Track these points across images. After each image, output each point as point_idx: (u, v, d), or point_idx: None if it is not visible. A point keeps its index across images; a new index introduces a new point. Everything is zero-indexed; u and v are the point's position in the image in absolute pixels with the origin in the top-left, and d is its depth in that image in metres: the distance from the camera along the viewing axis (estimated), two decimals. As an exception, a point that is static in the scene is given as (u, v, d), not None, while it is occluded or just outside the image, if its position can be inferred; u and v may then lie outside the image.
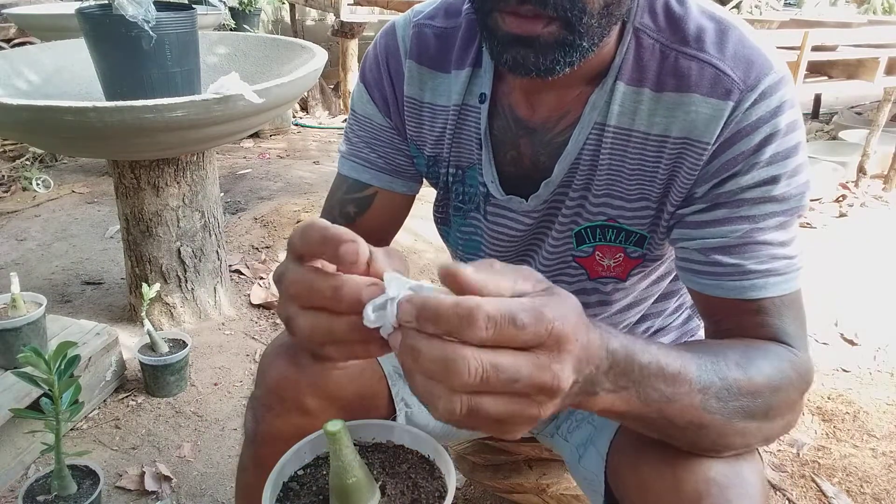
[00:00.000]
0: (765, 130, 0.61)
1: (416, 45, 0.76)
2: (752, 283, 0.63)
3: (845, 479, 1.40)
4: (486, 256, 0.83)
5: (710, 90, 0.62)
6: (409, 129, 0.80)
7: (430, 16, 0.77)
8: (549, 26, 0.56)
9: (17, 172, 2.96)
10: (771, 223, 0.63)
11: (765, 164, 0.62)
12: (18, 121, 1.36)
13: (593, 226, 0.74)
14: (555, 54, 0.57)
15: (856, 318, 2.02)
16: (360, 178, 0.81)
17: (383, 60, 0.79)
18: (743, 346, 0.61)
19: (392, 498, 0.50)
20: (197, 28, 1.63)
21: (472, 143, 0.76)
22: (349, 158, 0.83)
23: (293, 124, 3.94)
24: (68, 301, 2.03)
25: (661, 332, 0.89)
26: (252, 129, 1.86)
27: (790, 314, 0.64)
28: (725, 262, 0.64)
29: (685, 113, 0.64)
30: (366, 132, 0.81)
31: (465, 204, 0.81)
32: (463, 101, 0.74)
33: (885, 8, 4.67)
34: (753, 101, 0.61)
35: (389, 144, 0.81)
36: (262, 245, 2.37)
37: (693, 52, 0.63)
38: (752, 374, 0.57)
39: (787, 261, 0.64)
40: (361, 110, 0.81)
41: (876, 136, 2.92)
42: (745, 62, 0.62)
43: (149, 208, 1.72)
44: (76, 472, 1.21)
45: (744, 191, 0.63)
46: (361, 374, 0.83)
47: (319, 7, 3.68)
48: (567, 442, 0.88)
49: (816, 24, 3.02)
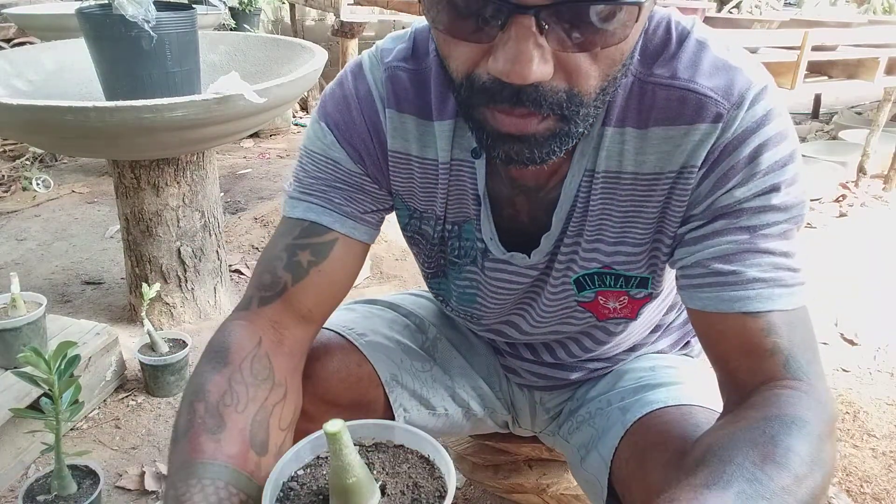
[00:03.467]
0: (755, 141, 0.59)
1: (392, 91, 0.69)
2: (757, 293, 0.59)
3: (845, 479, 1.40)
4: (483, 307, 0.81)
5: (697, 116, 0.60)
6: (396, 184, 0.73)
7: (401, 57, 0.69)
8: (544, 122, 0.53)
9: (17, 172, 2.96)
10: (772, 231, 0.60)
11: (763, 174, 0.59)
12: (18, 121, 1.36)
13: (590, 273, 0.72)
14: (550, 146, 0.55)
15: (856, 318, 2.02)
16: (318, 220, 0.70)
17: (355, 102, 0.70)
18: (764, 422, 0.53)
19: (392, 498, 0.50)
20: (197, 28, 1.63)
21: (469, 199, 0.72)
22: (303, 200, 0.71)
23: (293, 124, 3.94)
24: (68, 301, 2.03)
25: (660, 331, 0.89)
26: (252, 129, 1.86)
27: (799, 336, 0.59)
28: (724, 270, 0.60)
29: (677, 145, 0.61)
30: (327, 174, 0.71)
31: (460, 259, 0.77)
32: (452, 157, 0.70)
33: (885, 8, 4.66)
34: (738, 115, 0.59)
35: (359, 190, 0.72)
36: (262, 245, 2.38)
37: (668, 82, 0.60)
38: (793, 465, 0.49)
39: (792, 273, 0.60)
40: (322, 152, 0.71)
41: (876, 136, 2.92)
42: (724, 80, 0.59)
43: (149, 208, 1.72)
44: (76, 472, 1.21)
45: (742, 202, 0.60)
46: (358, 382, 0.83)
47: (319, 7, 3.68)
48: (568, 443, 0.88)
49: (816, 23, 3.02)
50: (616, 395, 0.83)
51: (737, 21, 3.33)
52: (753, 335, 0.59)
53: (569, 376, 0.89)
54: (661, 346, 0.91)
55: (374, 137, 0.71)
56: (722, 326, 0.61)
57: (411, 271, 2.25)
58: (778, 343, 0.58)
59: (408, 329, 0.92)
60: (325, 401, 0.78)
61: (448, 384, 0.91)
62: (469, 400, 0.92)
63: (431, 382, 0.89)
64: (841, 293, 2.15)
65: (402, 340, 0.89)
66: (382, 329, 0.89)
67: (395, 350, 0.88)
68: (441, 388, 0.90)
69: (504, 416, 0.97)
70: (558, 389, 0.93)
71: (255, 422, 0.61)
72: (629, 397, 0.80)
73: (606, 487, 0.75)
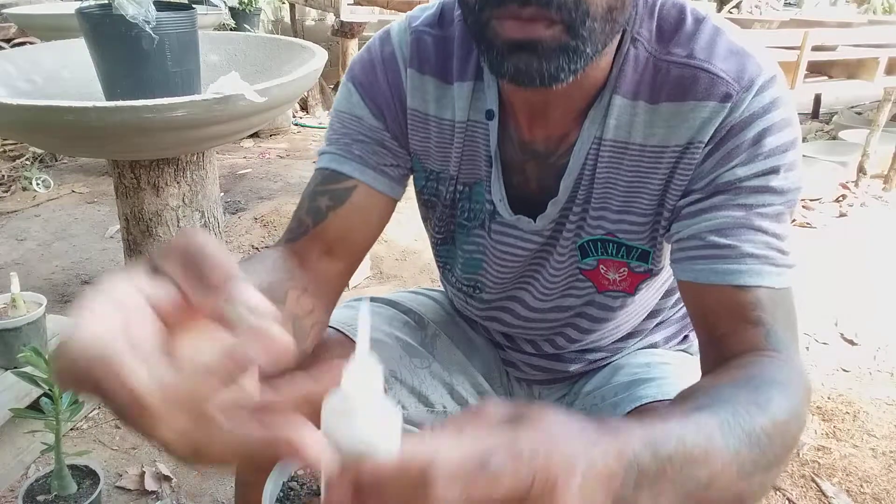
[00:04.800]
0: (760, 125, 0.62)
1: (416, 53, 0.73)
2: (749, 268, 0.61)
3: (845, 479, 1.40)
4: (489, 275, 0.82)
5: (707, 94, 0.62)
6: (414, 143, 0.77)
7: (427, 23, 0.74)
8: (552, 29, 0.54)
9: (17, 172, 2.96)
10: (768, 212, 0.63)
11: (765, 156, 0.62)
12: (18, 121, 1.36)
13: (594, 239, 0.73)
14: (558, 60, 0.55)
15: (856, 318, 2.02)
16: (339, 168, 0.74)
17: (380, 65, 0.74)
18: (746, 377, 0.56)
19: (392, 498, 0.50)
20: (197, 28, 1.63)
21: (481, 160, 0.74)
22: (328, 152, 0.76)
23: (293, 124, 3.94)
24: (68, 301, 2.03)
25: (663, 325, 0.90)
26: (252, 129, 1.86)
27: (783, 315, 0.62)
28: (721, 244, 0.62)
29: (684, 120, 0.64)
30: (353, 130, 0.75)
31: (469, 221, 0.80)
32: (468, 118, 0.73)
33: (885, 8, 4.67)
34: (749, 99, 0.62)
35: (379, 144, 0.75)
36: (262, 245, 2.38)
37: (684, 61, 0.63)
38: (773, 411, 0.51)
39: (783, 255, 0.63)
40: (348, 110, 0.75)
41: (876, 136, 2.92)
42: (737, 64, 0.63)
43: (149, 208, 1.72)
44: (76, 472, 1.21)
45: (742, 181, 0.63)
46: None
47: (319, 7, 3.68)
48: None
49: (816, 23, 3.02)
50: (610, 390, 0.84)
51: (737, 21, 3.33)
52: (742, 307, 0.61)
53: (568, 368, 0.89)
54: (658, 338, 0.91)
55: (396, 96, 0.75)
56: (712, 298, 0.63)
57: (411, 271, 2.25)
58: (762, 317, 0.61)
59: (407, 326, 0.92)
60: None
61: (447, 381, 0.91)
62: (468, 397, 0.92)
63: (430, 379, 0.89)
64: (841, 293, 2.16)
65: (401, 337, 0.89)
66: (381, 326, 0.89)
67: (393, 347, 0.88)
68: (439, 385, 0.90)
69: None
70: (558, 383, 0.93)
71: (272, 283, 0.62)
72: (622, 392, 0.81)
73: None
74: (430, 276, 2.23)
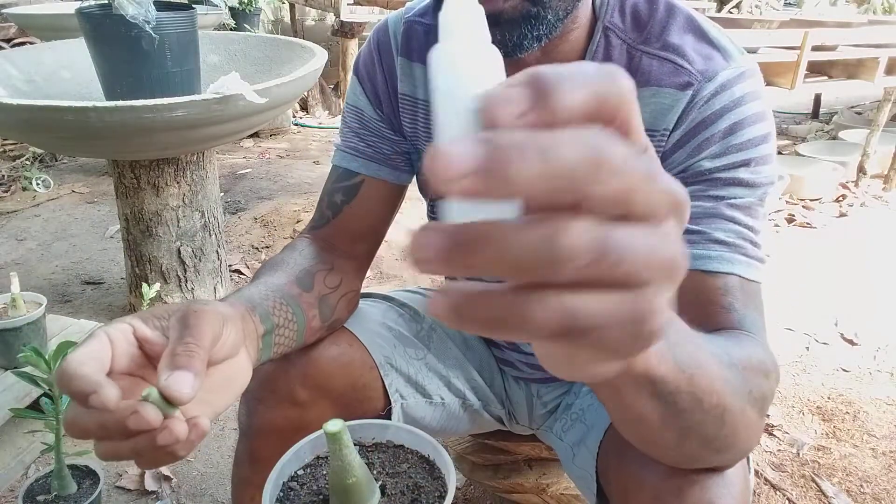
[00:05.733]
0: (731, 118, 0.63)
1: (406, 41, 0.78)
2: (719, 255, 0.61)
3: (845, 479, 1.40)
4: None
5: (668, 81, 0.64)
6: (406, 126, 0.82)
7: (420, 13, 0.79)
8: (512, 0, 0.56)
9: (17, 172, 2.96)
10: (739, 203, 0.63)
11: (737, 149, 0.63)
12: (18, 121, 1.36)
13: None
14: (521, 28, 0.58)
15: (856, 318, 2.02)
16: (348, 166, 0.83)
17: (376, 54, 0.81)
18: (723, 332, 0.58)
19: (392, 498, 0.50)
20: (197, 28, 1.63)
21: None
22: (340, 149, 0.85)
23: (293, 124, 3.93)
24: (68, 301, 2.03)
25: None
26: (252, 129, 1.86)
27: (753, 306, 0.61)
28: (691, 230, 0.62)
29: (644, 105, 0.64)
30: (356, 123, 0.83)
31: None
32: None
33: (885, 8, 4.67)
34: (713, 91, 0.63)
35: (377, 134, 0.82)
36: (262, 245, 2.38)
37: (655, 52, 0.65)
38: (748, 352, 0.53)
39: (754, 247, 0.63)
40: (353, 101, 0.84)
41: (876, 136, 2.92)
42: (705, 56, 0.64)
43: (149, 208, 1.73)
44: (76, 472, 1.21)
45: (713, 171, 0.63)
46: (351, 363, 0.82)
47: (319, 7, 3.68)
48: (562, 441, 0.88)
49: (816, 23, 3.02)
50: None
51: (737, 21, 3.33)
52: (710, 292, 0.61)
53: None
54: None
55: (389, 82, 0.81)
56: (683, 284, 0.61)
57: (411, 271, 2.25)
58: (733, 303, 0.60)
59: (402, 318, 0.92)
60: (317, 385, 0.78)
61: (442, 373, 0.91)
62: (465, 390, 0.92)
63: (426, 370, 0.89)
64: (841, 293, 2.16)
65: (395, 327, 0.89)
66: (375, 317, 0.89)
67: (387, 336, 0.88)
68: (435, 377, 0.90)
69: (498, 410, 0.97)
70: (555, 381, 0.93)
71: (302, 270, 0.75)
72: None
73: (595, 482, 0.76)
74: (430, 275, 2.23)
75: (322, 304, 0.75)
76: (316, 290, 0.75)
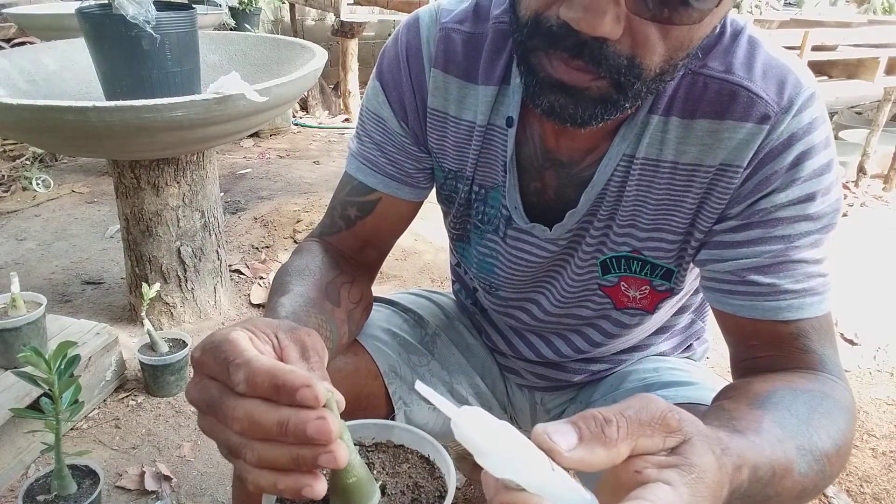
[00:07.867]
0: (799, 147, 0.60)
1: (442, 51, 0.71)
2: (789, 304, 0.62)
3: (845, 479, 1.40)
4: (502, 279, 0.82)
5: (745, 114, 0.60)
6: (432, 142, 0.76)
7: (458, 19, 0.71)
8: (598, 81, 0.53)
9: (17, 172, 2.96)
10: (806, 241, 0.62)
11: (803, 181, 0.61)
12: (18, 121, 1.36)
13: (618, 256, 0.72)
14: (595, 109, 0.55)
15: (856, 318, 2.02)
16: (365, 180, 0.78)
17: (404, 61, 0.73)
18: (820, 398, 0.57)
19: (392, 498, 0.50)
20: (197, 28, 1.63)
21: (498, 165, 0.73)
22: (357, 158, 0.79)
23: (293, 124, 3.94)
24: (68, 301, 2.03)
25: (666, 333, 0.88)
26: (252, 129, 1.86)
27: (827, 339, 0.63)
28: (761, 283, 0.62)
29: (719, 140, 0.62)
30: (377, 133, 0.77)
31: (483, 224, 0.79)
32: (489, 122, 0.71)
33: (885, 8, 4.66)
34: (785, 120, 0.60)
35: (401, 150, 0.77)
36: (262, 245, 2.38)
37: (721, 76, 0.61)
38: (839, 442, 0.54)
39: (822, 279, 0.63)
40: (375, 109, 0.77)
41: (876, 136, 2.92)
42: (776, 82, 0.60)
43: (149, 208, 1.73)
44: (76, 472, 1.21)
45: (779, 209, 0.61)
46: (356, 372, 0.82)
47: (319, 7, 3.68)
48: None
49: (816, 23, 3.02)
50: (621, 394, 0.83)
51: (737, 21, 3.31)
52: (785, 338, 0.63)
53: (571, 378, 0.89)
54: (664, 348, 0.90)
55: (418, 95, 0.74)
56: (752, 328, 0.64)
57: (411, 271, 2.25)
58: (808, 345, 0.62)
59: (406, 324, 0.92)
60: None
61: (446, 380, 0.90)
62: (468, 396, 0.92)
63: (429, 377, 0.89)
64: (841, 293, 2.15)
65: (399, 334, 0.89)
66: (379, 323, 0.89)
67: (392, 343, 0.87)
68: (439, 384, 0.90)
69: (501, 416, 0.97)
70: (560, 390, 0.93)
71: (328, 284, 0.71)
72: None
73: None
74: (430, 276, 2.23)
75: (350, 320, 0.73)
76: (343, 306, 0.72)
